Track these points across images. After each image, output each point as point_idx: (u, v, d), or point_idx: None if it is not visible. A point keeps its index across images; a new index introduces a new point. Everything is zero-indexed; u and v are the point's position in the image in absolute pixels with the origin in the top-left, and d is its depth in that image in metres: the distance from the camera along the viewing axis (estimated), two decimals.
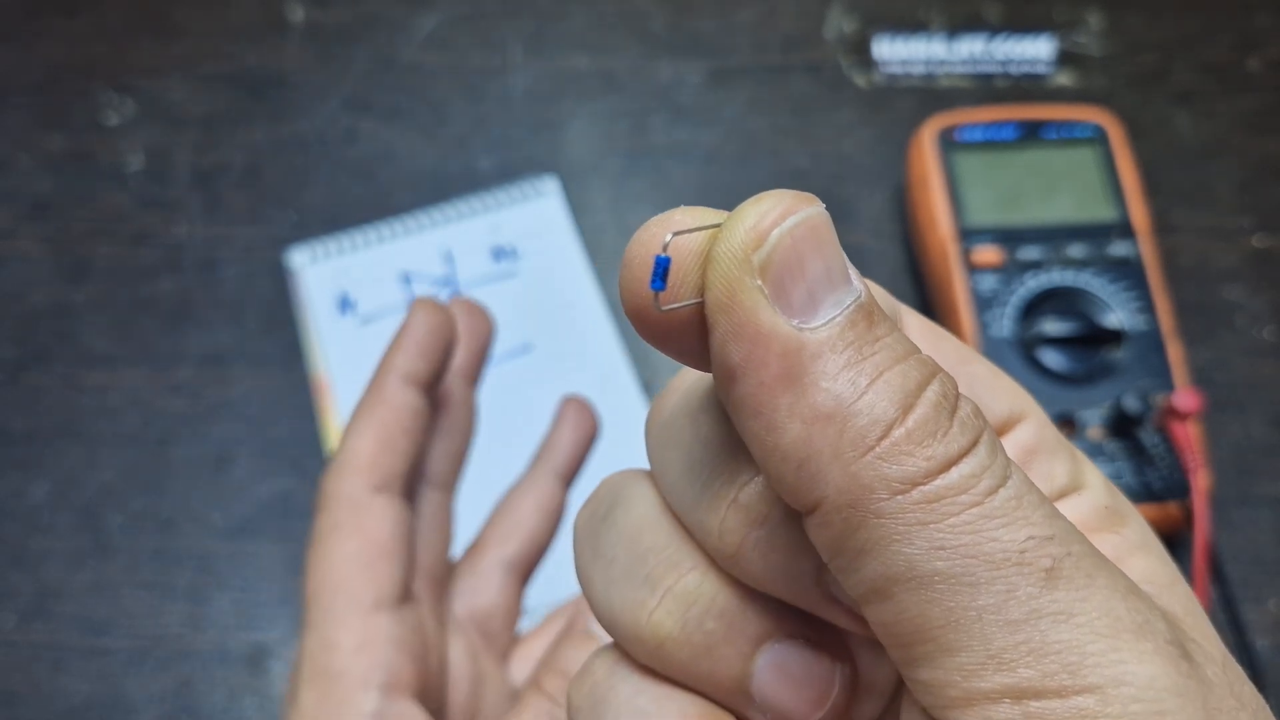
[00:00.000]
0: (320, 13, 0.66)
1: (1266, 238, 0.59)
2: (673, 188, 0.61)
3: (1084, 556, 0.16)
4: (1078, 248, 0.53)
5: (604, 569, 0.22)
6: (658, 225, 0.18)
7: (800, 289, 0.17)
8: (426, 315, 0.38)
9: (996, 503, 0.16)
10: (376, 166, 0.62)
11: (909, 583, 0.16)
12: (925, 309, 0.57)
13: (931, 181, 0.55)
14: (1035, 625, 0.16)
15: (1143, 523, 0.22)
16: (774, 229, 0.17)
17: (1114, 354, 0.51)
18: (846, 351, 0.17)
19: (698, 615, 0.20)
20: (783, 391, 0.17)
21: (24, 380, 0.56)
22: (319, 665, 0.32)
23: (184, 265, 0.59)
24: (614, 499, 0.22)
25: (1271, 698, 0.47)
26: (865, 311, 0.17)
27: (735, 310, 0.17)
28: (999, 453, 0.17)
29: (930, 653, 0.16)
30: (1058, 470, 0.22)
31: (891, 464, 0.16)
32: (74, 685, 0.50)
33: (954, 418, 0.17)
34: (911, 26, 0.65)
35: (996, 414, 0.22)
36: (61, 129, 0.63)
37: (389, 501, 0.35)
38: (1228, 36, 0.65)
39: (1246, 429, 0.55)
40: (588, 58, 0.65)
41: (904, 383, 0.17)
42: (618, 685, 0.21)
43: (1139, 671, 0.16)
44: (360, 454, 0.35)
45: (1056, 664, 0.16)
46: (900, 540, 0.16)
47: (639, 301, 0.18)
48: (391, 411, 0.36)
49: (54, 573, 0.52)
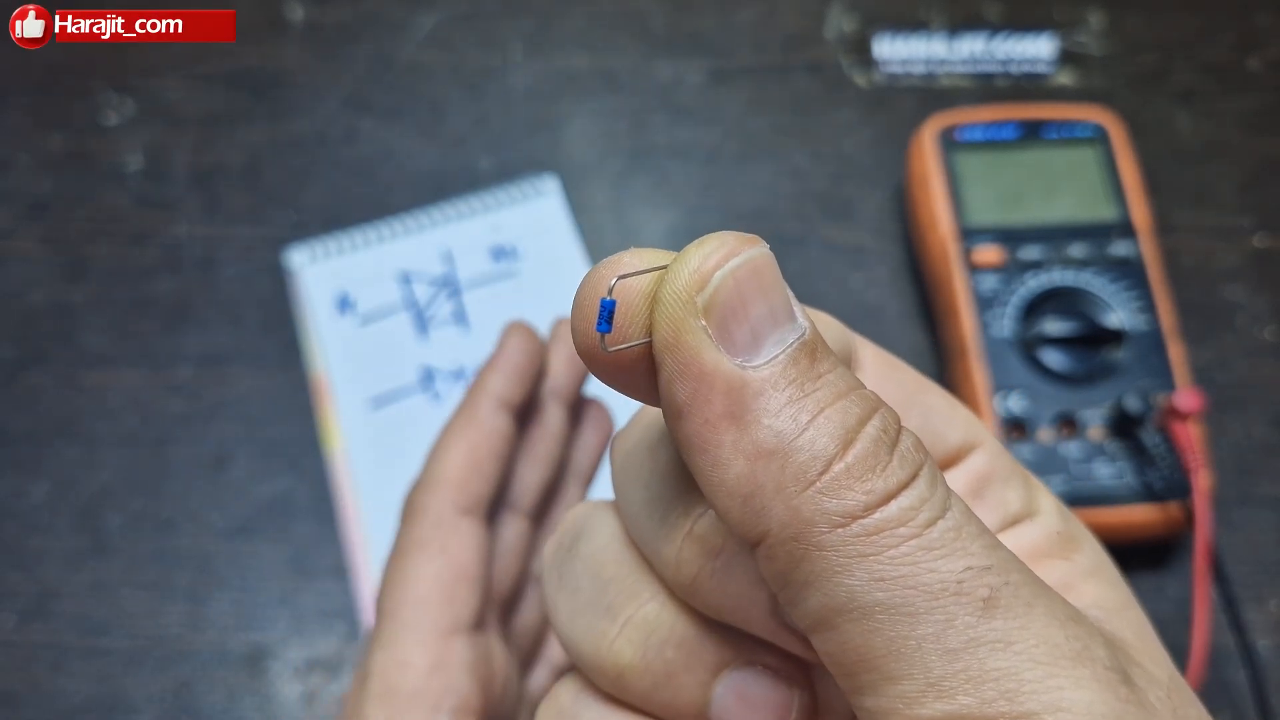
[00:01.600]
0: (320, 12, 0.66)
1: (1267, 237, 0.59)
2: (673, 188, 0.61)
3: (1023, 585, 0.17)
4: (1078, 247, 0.53)
5: (569, 599, 0.22)
6: (605, 268, 0.18)
7: (743, 328, 0.17)
8: (521, 339, 0.38)
9: (935, 534, 0.17)
10: (376, 166, 0.62)
11: (851, 613, 0.17)
12: (925, 309, 0.57)
13: (932, 181, 0.55)
14: (974, 653, 0.16)
15: (1097, 547, 0.22)
16: (716, 271, 0.17)
17: (1115, 354, 0.51)
18: (788, 389, 0.17)
19: (657, 644, 0.21)
20: (727, 428, 0.17)
21: (23, 380, 0.56)
22: (390, 683, 0.32)
23: (183, 265, 0.59)
24: (579, 530, 0.23)
25: (1272, 698, 0.47)
26: (808, 349, 0.18)
27: (680, 350, 0.17)
28: (939, 485, 0.17)
29: (874, 681, 0.17)
30: (1011, 497, 0.22)
31: (831, 498, 0.17)
32: (73, 685, 0.50)
33: (894, 452, 0.17)
34: (912, 26, 0.65)
35: (950, 443, 0.23)
36: (61, 129, 0.63)
37: (474, 525, 0.35)
38: (1228, 36, 0.65)
39: (1247, 429, 0.54)
40: (588, 57, 0.65)
41: (844, 419, 0.17)
42: (581, 712, 0.22)
43: (1076, 697, 0.16)
44: (450, 473, 0.35)
45: (994, 691, 0.16)
46: (841, 572, 0.17)
47: (587, 342, 0.19)
48: (482, 434, 0.36)
49: (53, 573, 0.52)
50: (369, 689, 0.32)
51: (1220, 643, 0.48)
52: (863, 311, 0.57)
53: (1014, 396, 0.51)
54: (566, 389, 0.40)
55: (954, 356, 0.53)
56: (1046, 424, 0.50)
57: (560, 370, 0.40)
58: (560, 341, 0.40)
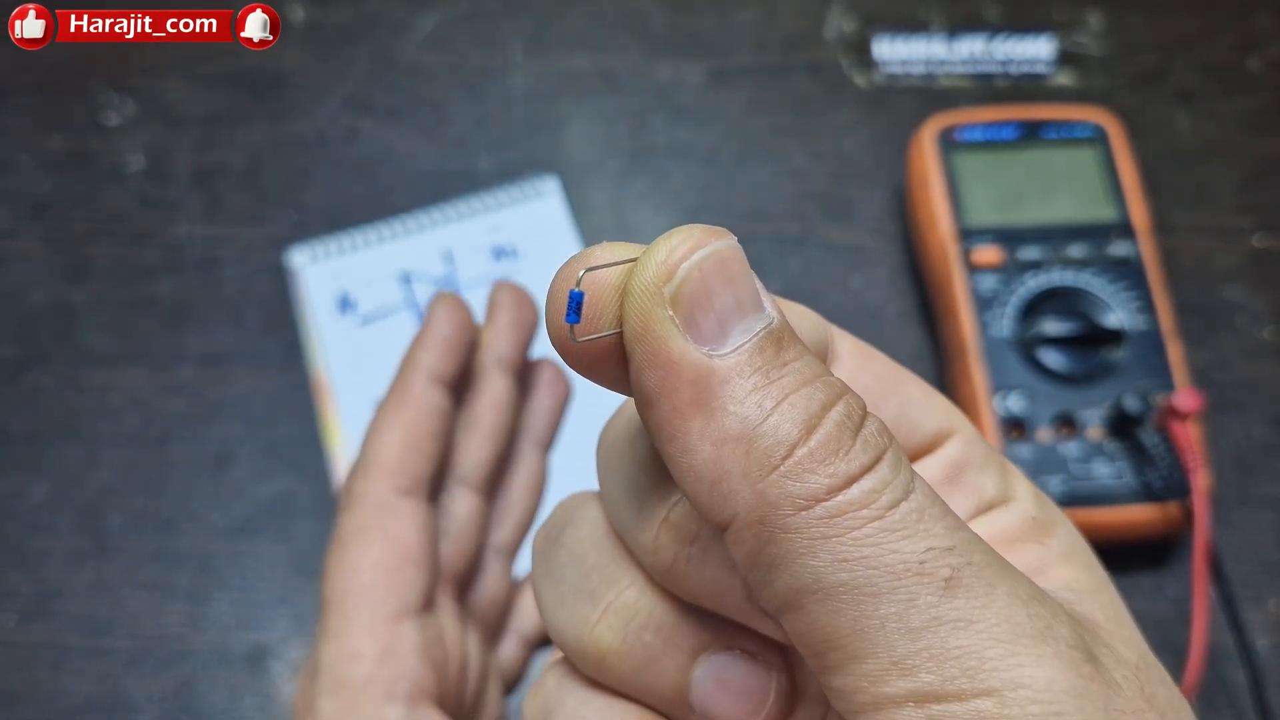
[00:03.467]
0: (320, 13, 0.66)
1: (1266, 238, 0.59)
2: (673, 188, 0.61)
3: (985, 566, 0.17)
4: (1078, 248, 0.53)
5: (554, 586, 0.23)
6: (575, 262, 0.19)
7: (709, 318, 0.18)
8: (448, 310, 0.37)
9: (897, 516, 0.17)
10: (376, 166, 0.62)
11: (816, 594, 0.17)
12: (925, 309, 0.57)
13: (931, 181, 0.55)
14: (935, 632, 0.16)
15: (1072, 531, 0.23)
16: (683, 262, 0.18)
17: (1114, 354, 0.51)
18: (754, 376, 0.18)
19: (637, 629, 0.21)
20: (694, 415, 0.18)
21: (24, 380, 0.56)
22: (340, 675, 0.32)
23: (184, 265, 0.59)
24: (565, 520, 0.23)
25: (1272, 697, 0.47)
26: (775, 337, 0.18)
27: (648, 340, 0.18)
28: (902, 469, 0.18)
29: (840, 660, 0.17)
30: (986, 483, 0.23)
31: (795, 481, 0.17)
32: (74, 685, 0.50)
33: (857, 436, 0.18)
34: (911, 26, 0.65)
35: (927, 431, 0.23)
36: (61, 129, 0.63)
37: (416, 506, 0.35)
38: (1228, 36, 0.65)
39: (1247, 429, 0.55)
40: (588, 58, 0.65)
41: (808, 405, 0.17)
42: (565, 697, 0.22)
43: (1036, 675, 0.16)
44: (387, 456, 0.35)
45: (956, 669, 0.16)
46: (806, 554, 0.17)
47: (559, 333, 0.19)
48: (418, 413, 0.36)
49: (54, 573, 0.52)
50: (320, 683, 0.32)
51: (1219, 642, 0.48)
52: (862, 312, 0.57)
53: (1013, 396, 0.51)
54: (509, 356, 0.40)
55: (953, 356, 0.53)
56: (1045, 424, 0.50)
57: (502, 338, 0.40)
58: (501, 310, 0.40)
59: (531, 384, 0.43)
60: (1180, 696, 0.19)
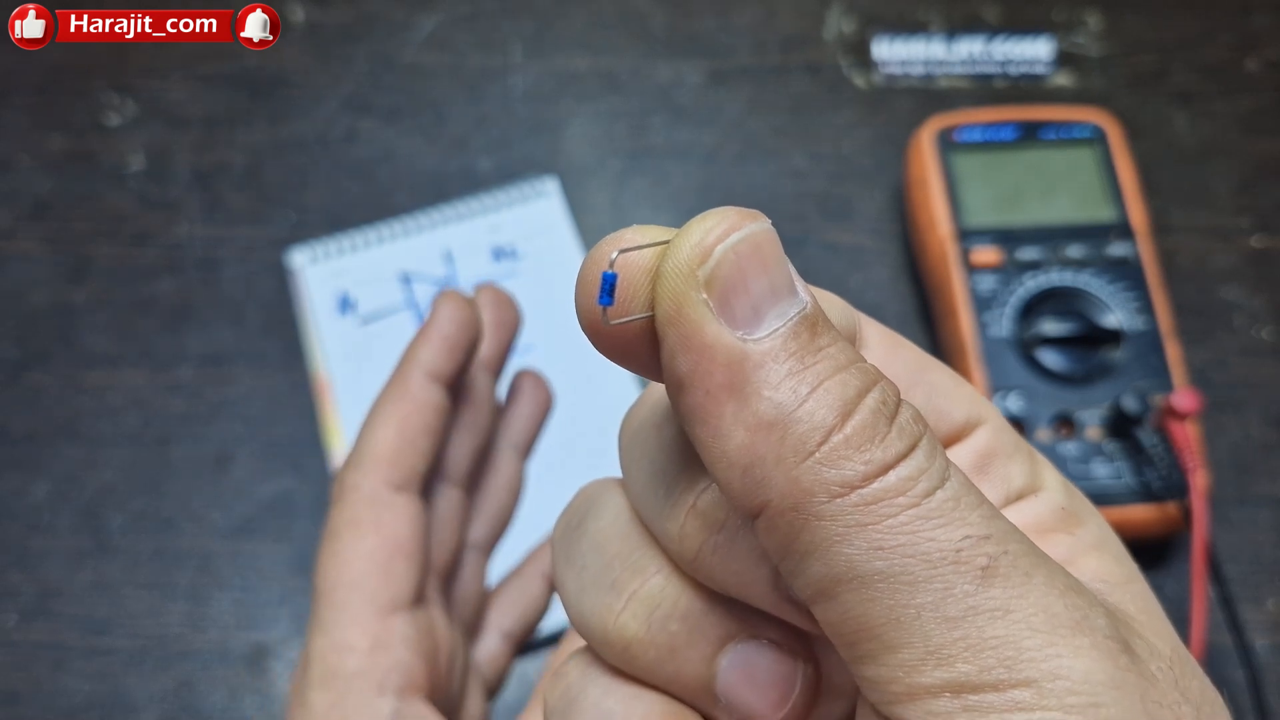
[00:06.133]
0: (320, 13, 0.66)
1: (1265, 238, 0.59)
2: (672, 188, 0.61)
3: (1021, 555, 0.17)
4: (1076, 248, 0.53)
5: (576, 575, 0.22)
6: (608, 244, 0.19)
7: (744, 302, 0.18)
8: (453, 309, 0.37)
9: (933, 504, 0.17)
10: (376, 167, 0.62)
11: (851, 582, 0.17)
12: (924, 309, 0.57)
13: (930, 182, 0.55)
14: (972, 621, 0.16)
15: (1101, 522, 0.22)
16: (718, 245, 0.18)
17: (1113, 354, 0.51)
18: (788, 361, 0.17)
19: (662, 618, 0.21)
20: (727, 400, 0.17)
21: (24, 380, 0.57)
22: (331, 667, 0.32)
23: (184, 265, 0.59)
24: (587, 507, 0.23)
25: (1270, 697, 0.47)
26: (809, 323, 0.18)
27: (682, 323, 0.18)
28: (938, 456, 0.17)
29: (874, 650, 0.17)
30: (1015, 473, 0.22)
31: (830, 468, 0.17)
32: (75, 685, 0.50)
33: (893, 423, 0.17)
34: (911, 27, 0.65)
35: (955, 420, 0.23)
36: (62, 129, 0.63)
37: (408, 500, 0.35)
38: (1227, 37, 0.65)
39: (1245, 429, 0.55)
40: (588, 58, 0.65)
41: (843, 391, 0.17)
42: (588, 687, 0.22)
43: (1074, 665, 0.16)
44: (381, 449, 0.35)
45: (993, 659, 0.16)
46: (840, 541, 0.17)
47: (590, 316, 0.19)
48: (415, 408, 0.36)
49: (54, 572, 0.52)
50: (311, 675, 0.32)
51: (1218, 642, 0.48)
52: (861, 311, 0.57)
53: (1012, 397, 0.51)
54: (490, 357, 0.40)
55: (952, 356, 0.53)
56: (1045, 424, 0.50)
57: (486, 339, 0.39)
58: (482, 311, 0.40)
59: (513, 392, 0.43)
60: (1213, 689, 0.19)
